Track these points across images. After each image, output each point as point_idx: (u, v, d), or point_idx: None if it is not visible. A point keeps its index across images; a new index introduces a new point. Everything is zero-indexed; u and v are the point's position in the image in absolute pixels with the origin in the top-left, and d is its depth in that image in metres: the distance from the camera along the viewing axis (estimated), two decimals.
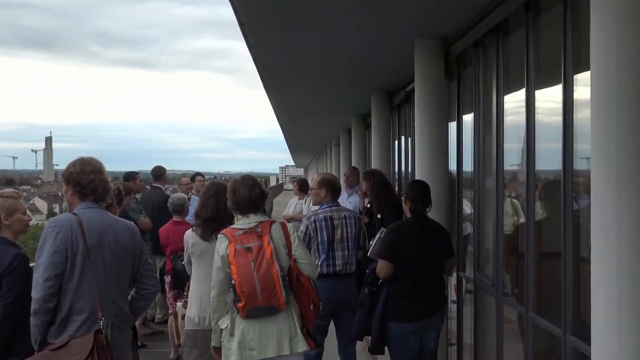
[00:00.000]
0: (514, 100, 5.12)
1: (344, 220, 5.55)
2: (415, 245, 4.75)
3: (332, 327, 5.73)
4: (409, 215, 4.93)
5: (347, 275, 5.52)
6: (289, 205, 10.67)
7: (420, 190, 4.95)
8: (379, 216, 6.90)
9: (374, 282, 4.85)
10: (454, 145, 6.68)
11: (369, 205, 7.59)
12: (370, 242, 5.49)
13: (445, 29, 6.31)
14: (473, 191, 5.97)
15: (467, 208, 6.42)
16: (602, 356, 2.87)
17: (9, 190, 4.31)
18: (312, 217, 5.56)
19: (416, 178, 6.55)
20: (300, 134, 22.14)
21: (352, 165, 12.64)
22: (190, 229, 4.91)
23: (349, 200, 8.55)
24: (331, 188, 5.66)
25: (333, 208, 5.60)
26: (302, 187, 10.55)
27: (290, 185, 53.98)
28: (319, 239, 5.47)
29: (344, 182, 9.14)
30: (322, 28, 6.37)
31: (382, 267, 4.76)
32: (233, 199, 4.24)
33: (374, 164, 10.81)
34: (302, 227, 5.53)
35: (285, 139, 25.38)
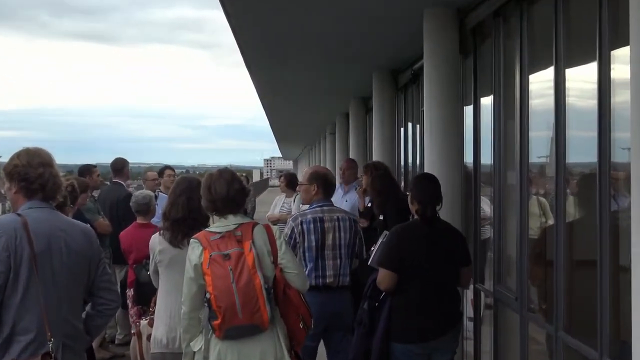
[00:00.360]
0: (541, 80, 5.12)
1: (336, 223, 5.51)
2: (424, 252, 4.74)
3: (321, 349, 5.72)
4: (416, 217, 4.92)
5: (340, 288, 5.49)
6: (275, 204, 10.64)
7: (429, 189, 4.92)
8: (381, 217, 6.89)
9: (375, 296, 4.84)
10: (470, 134, 6.69)
11: (369, 205, 7.59)
12: (372, 249, 5.48)
13: None
14: (493, 188, 5.97)
15: (486, 208, 6.42)
16: None
17: None
18: (299, 218, 5.53)
19: (425, 172, 6.54)
20: (289, 121, 22.14)
21: (350, 157, 12.64)
22: (158, 233, 4.89)
23: (345, 199, 8.54)
24: (323, 184, 5.63)
25: (325, 208, 5.57)
26: (291, 183, 10.52)
27: (276, 181, 54.04)
28: (305, 244, 5.44)
29: (339, 177, 9.14)
30: None
31: (383, 277, 4.75)
32: (208, 196, 4.23)
33: (376, 156, 10.82)
34: (287, 230, 5.48)
35: (271, 127, 25.36)
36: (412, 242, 4.78)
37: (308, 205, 5.72)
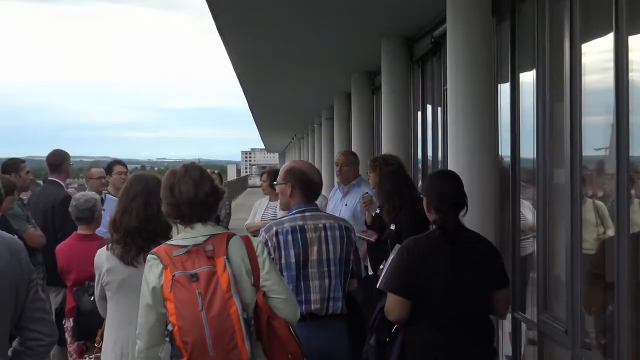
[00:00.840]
0: (598, 51, 5.12)
1: (322, 233, 5.44)
2: (444, 271, 4.72)
3: None
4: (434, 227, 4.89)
5: (331, 318, 5.44)
6: (255, 209, 10.62)
7: (449, 191, 4.85)
8: (392, 227, 6.89)
9: (384, 328, 4.84)
10: (506, 119, 6.70)
11: (378, 211, 7.58)
12: (381, 267, 5.46)
13: None
14: (536, 189, 5.97)
15: (528, 214, 6.42)
16: None
17: None
18: (274, 228, 5.43)
19: (448, 168, 6.53)
20: (274, 103, 22.12)
21: (348, 149, 12.65)
22: (105, 247, 4.89)
23: (344, 202, 8.53)
24: (301, 183, 5.57)
25: (307, 214, 5.48)
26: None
27: (257, 180, 54.04)
28: (283, 261, 5.38)
29: (336, 175, 9.11)
30: None
31: (392, 305, 4.73)
32: (171, 200, 4.21)
33: (386, 147, 10.82)
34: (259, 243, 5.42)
35: (251, 110, 25.35)
36: (428, 260, 4.75)
37: (287, 212, 5.66)
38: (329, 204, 8.81)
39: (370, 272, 7.28)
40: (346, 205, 8.46)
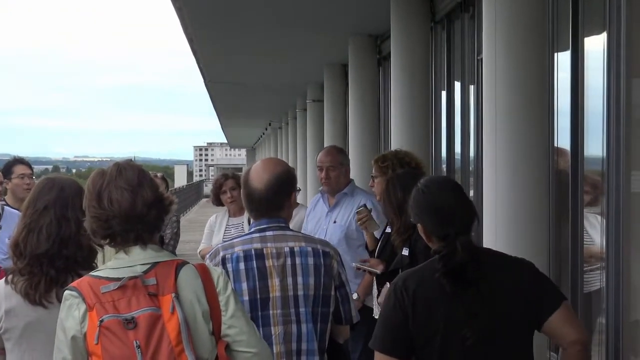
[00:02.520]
0: None
1: (288, 259, 5.36)
2: (449, 315, 4.62)
3: None
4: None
5: None
6: (211, 228, 10.61)
7: (455, 208, 4.77)
8: (405, 253, 6.86)
9: None
10: (565, 102, 6.73)
11: (389, 230, 7.55)
12: None
13: None
14: (606, 199, 5.99)
15: (595, 234, 6.44)
16: None
17: None
18: (221, 253, 5.30)
19: (483, 169, 6.55)
20: (240, 78, 22.08)
21: (333, 145, 12.59)
22: (3, 280, 4.87)
23: (332, 218, 8.45)
24: (243, 194, 5.56)
25: (268, 234, 5.43)
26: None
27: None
28: None
29: (321, 183, 9.04)
30: None
31: None
32: (97, 212, 4.16)
33: (397, 140, 10.80)
34: (220, 275, 5.37)
35: (208, 89, 25.27)
36: (431, 303, 4.66)
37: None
38: (309, 220, 8.85)
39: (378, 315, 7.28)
40: (335, 222, 8.46)
